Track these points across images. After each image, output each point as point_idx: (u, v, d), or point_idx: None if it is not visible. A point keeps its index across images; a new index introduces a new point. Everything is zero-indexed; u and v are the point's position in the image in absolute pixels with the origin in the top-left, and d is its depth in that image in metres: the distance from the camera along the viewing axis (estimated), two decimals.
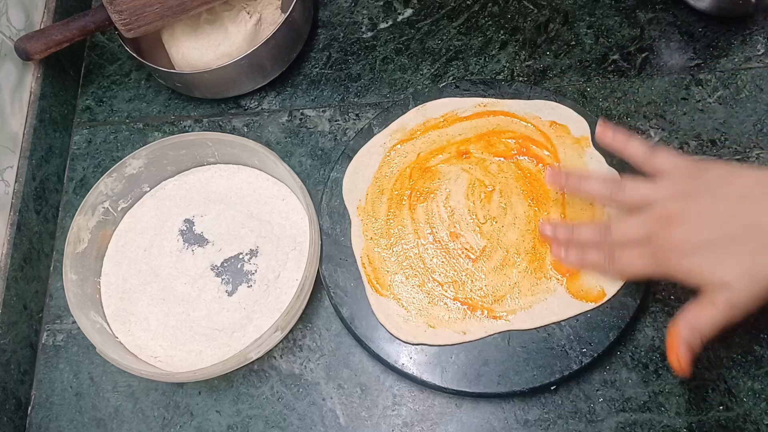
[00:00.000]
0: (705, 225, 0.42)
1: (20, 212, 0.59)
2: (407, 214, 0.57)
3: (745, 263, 0.41)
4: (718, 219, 0.42)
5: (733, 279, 0.41)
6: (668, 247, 0.43)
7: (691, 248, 0.42)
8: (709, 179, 0.43)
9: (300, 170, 0.62)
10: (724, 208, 0.42)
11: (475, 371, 0.51)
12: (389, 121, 0.60)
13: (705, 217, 0.42)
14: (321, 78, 0.66)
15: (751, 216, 0.41)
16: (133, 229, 0.61)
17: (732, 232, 0.41)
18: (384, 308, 0.53)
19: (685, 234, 0.43)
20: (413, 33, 0.67)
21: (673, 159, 0.46)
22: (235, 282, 0.57)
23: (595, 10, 0.65)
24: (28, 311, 0.59)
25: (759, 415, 0.49)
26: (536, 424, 0.51)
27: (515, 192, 0.56)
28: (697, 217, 0.42)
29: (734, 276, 0.41)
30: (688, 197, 0.43)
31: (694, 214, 0.43)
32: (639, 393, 0.51)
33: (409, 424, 0.52)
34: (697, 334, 0.42)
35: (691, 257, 0.42)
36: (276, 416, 0.54)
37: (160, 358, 0.55)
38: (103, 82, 0.70)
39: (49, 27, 0.61)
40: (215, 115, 0.66)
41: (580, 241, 0.50)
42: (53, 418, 0.57)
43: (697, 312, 0.42)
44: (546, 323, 0.51)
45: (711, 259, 0.42)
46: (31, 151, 0.62)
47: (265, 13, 0.65)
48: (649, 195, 0.45)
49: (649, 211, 0.45)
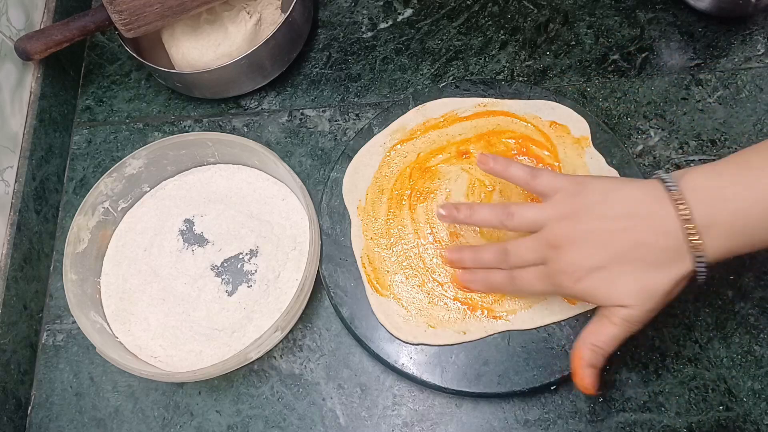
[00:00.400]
0: (591, 248, 0.42)
1: (20, 212, 0.59)
2: (407, 214, 0.57)
3: (636, 282, 0.41)
4: (602, 240, 0.42)
5: (627, 299, 0.42)
6: (561, 271, 0.44)
7: (582, 273, 0.43)
8: (590, 199, 0.43)
9: (300, 170, 0.62)
10: (606, 228, 0.42)
11: (475, 371, 0.51)
12: (389, 121, 0.60)
13: (590, 240, 0.42)
14: (321, 78, 0.66)
15: (631, 234, 0.41)
16: (133, 229, 0.61)
17: (617, 253, 0.42)
18: (384, 308, 0.53)
19: (573, 259, 0.43)
20: (413, 33, 0.67)
21: (554, 180, 0.46)
22: (235, 282, 0.57)
23: (595, 10, 0.65)
24: (28, 311, 0.59)
25: (759, 415, 0.49)
26: (536, 424, 0.51)
27: (515, 192, 0.56)
28: (583, 240, 0.43)
29: (627, 295, 0.42)
30: (572, 218, 0.43)
31: (579, 238, 0.43)
32: (639, 393, 0.51)
33: (409, 424, 0.52)
34: (599, 353, 0.44)
35: (583, 281, 0.43)
36: (276, 416, 0.54)
37: (160, 358, 0.55)
38: (103, 82, 0.70)
39: (49, 27, 0.61)
40: (215, 115, 0.66)
41: (484, 264, 0.50)
42: (53, 418, 0.57)
43: (597, 331, 0.43)
44: (546, 323, 0.51)
45: (602, 281, 0.42)
46: (31, 151, 0.62)
47: (265, 13, 0.65)
48: (537, 218, 0.45)
49: (540, 234, 0.45)
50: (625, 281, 0.42)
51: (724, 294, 0.53)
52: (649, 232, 0.41)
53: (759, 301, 0.52)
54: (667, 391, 0.51)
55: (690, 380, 0.51)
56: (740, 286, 0.53)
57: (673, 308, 0.53)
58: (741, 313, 0.52)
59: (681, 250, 0.40)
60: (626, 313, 0.42)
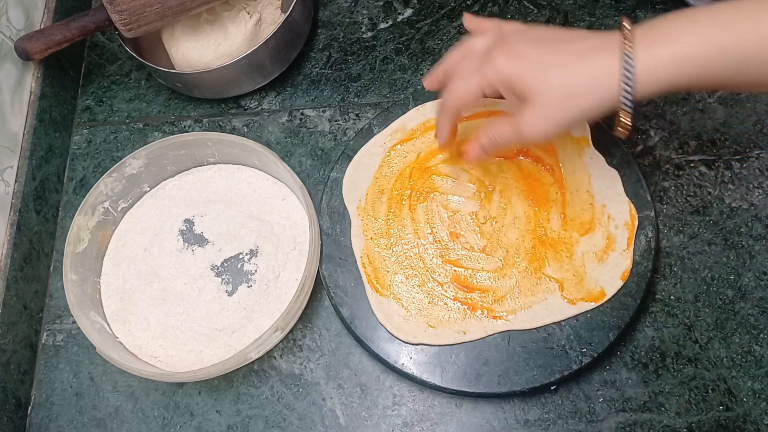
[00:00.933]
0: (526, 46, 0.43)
1: (20, 212, 0.59)
2: (407, 214, 0.57)
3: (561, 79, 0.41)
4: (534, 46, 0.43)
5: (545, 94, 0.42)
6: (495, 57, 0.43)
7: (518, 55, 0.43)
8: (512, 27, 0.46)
9: (300, 170, 0.62)
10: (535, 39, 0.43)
11: (475, 371, 0.51)
12: (389, 121, 0.60)
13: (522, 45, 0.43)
14: (321, 78, 0.66)
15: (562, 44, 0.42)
16: (133, 229, 0.61)
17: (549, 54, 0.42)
18: (384, 308, 0.53)
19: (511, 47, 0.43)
20: (413, 33, 0.67)
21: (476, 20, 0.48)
22: (235, 282, 0.57)
23: (595, 10, 0.65)
24: (28, 311, 0.59)
25: (759, 415, 0.49)
26: (536, 424, 0.51)
27: (515, 192, 0.56)
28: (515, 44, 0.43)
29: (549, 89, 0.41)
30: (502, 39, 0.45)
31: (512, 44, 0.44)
32: (639, 393, 0.51)
33: (409, 424, 0.52)
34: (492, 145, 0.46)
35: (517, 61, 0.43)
36: (276, 416, 0.54)
37: (160, 358, 0.55)
38: (103, 82, 0.70)
39: (49, 27, 0.61)
40: (215, 115, 0.66)
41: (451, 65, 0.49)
42: (53, 418, 0.57)
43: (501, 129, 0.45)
44: (546, 323, 0.51)
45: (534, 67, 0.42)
46: (31, 151, 0.62)
47: (265, 13, 0.65)
48: (467, 49, 0.47)
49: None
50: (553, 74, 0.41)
51: (724, 294, 0.53)
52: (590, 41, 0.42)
53: (759, 301, 0.52)
54: (667, 391, 0.51)
55: (690, 380, 0.51)
56: (740, 286, 0.53)
57: (673, 308, 0.53)
58: (741, 313, 0.52)
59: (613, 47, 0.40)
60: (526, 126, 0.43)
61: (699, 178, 0.57)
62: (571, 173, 0.56)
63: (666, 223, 0.56)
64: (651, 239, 0.53)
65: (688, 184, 0.57)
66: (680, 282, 0.54)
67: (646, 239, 0.53)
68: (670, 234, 0.55)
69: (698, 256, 0.54)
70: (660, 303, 0.53)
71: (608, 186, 0.55)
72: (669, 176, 0.57)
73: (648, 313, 0.53)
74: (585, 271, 0.52)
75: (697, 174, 0.57)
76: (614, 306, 0.51)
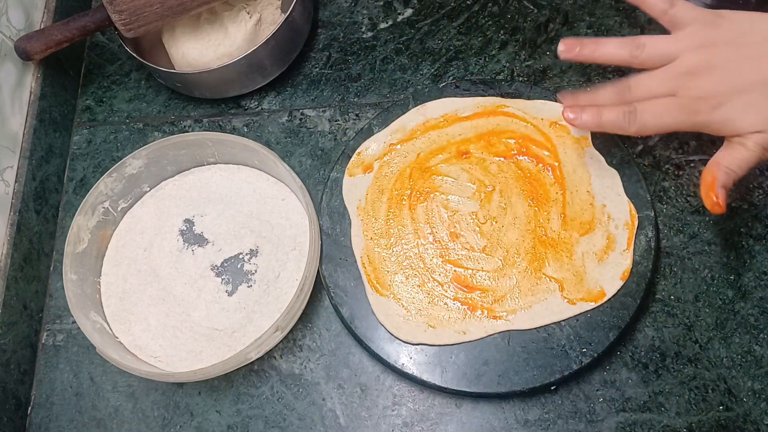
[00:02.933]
0: (732, 73, 0.41)
1: (20, 212, 0.59)
2: (407, 214, 0.57)
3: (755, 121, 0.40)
4: (744, 65, 0.41)
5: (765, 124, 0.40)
6: (696, 97, 0.42)
7: (722, 98, 0.41)
8: (731, 27, 0.42)
9: (300, 170, 0.62)
10: (749, 54, 0.41)
11: (475, 371, 0.51)
12: (389, 121, 0.60)
13: (731, 65, 0.41)
14: (321, 78, 0.66)
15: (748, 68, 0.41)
16: (133, 229, 0.61)
17: (760, 77, 0.40)
18: (384, 308, 0.53)
19: (713, 83, 0.41)
20: (413, 33, 0.67)
21: (692, 10, 0.44)
22: (235, 282, 0.57)
23: (595, 10, 0.65)
24: (28, 311, 0.59)
25: (759, 415, 0.49)
26: (536, 424, 0.51)
27: (515, 192, 0.56)
28: (724, 65, 0.41)
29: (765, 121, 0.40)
30: (711, 47, 0.42)
31: (720, 64, 0.42)
32: (639, 393, 0.51)
33: (409, 424, 0.52)
34: (732, 175, 0.44)
35: (722, 108, 0.41)
36: (276, 416, 0.54)
37: (160, 358, 0.55)
38: (103, 82, 0.70)
39: (49, 27, 0.61)
40: (215, 115, 0.66)
41: (600, 102, 0.48)
42: (53, 418, 0.57)
43: (731, 156, 0.43)
44: (546, 323, 0.51)
45: (741, 107, 0.41)
46: (31, 151, 0.62)
47: (265, 13, 0.65)
48: (671, 49, 0.44)
49: (673, 64, 0.44)
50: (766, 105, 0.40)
51: (724, 294, 0.53)
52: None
53: (759, 301, 0.52)
54: (667, 391, 0.51)
55: (690, 380, 0.51)
56: (740, 286, 0.53)
57: (673, 308, 0.53)
58: (741, 313, 0.52)
59: None
60: (762, 137, 0.41)
61: (699, 178, 0.57)
62: (571, 173, 0.56)
63: (666, 223, 0.56)
64: (651, 239, 0.53)
65: (688, 184, 0.57)
66: (680, 282, 0.54)
67: (646, 239, 0.53)
68: (670, 234, 0.55)
69: (698, 256, 0.54)
70: (660, 303, 0.53)
71: (608, 186, 0.55)
72: (669, 176, 0.57)
73: (648, 313, 0.53)
74: (585, 271, 0.52)
75: (697, 174, 0.57)
76: (614, 306, 0.51)
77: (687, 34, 0.43)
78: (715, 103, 0.42)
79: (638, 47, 0.44)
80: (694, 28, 0.43)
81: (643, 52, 0.44)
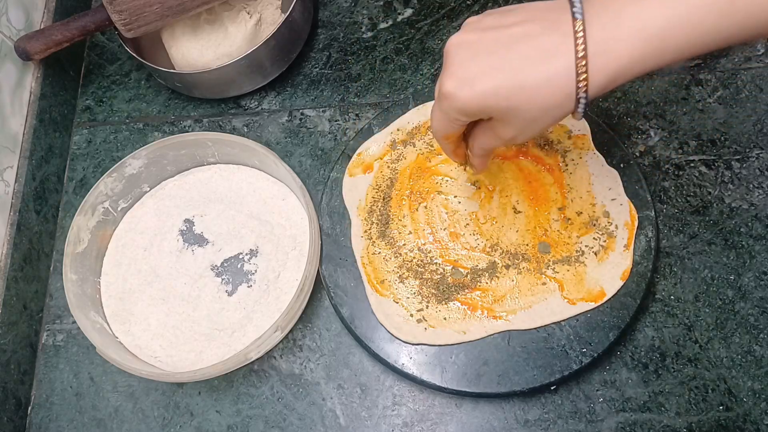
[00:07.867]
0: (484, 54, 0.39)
1: (20, 212, 0.59)
2: (407, 214, 0.57)
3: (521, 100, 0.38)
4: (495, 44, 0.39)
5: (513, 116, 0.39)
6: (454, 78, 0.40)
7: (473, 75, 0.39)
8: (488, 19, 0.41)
9: (300, 170, 0.62)
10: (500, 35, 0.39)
11: (475, 371, 0.51)
12: (389, 121, 0.60)
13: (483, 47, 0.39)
14: (321, 78, 0.66)
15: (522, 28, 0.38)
16: (133, 229, 0.61)
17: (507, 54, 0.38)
18: (384, 308, 0.53)
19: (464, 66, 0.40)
20: (413, 33, 0.67)
21: None
22: (235, 282, 0.57)
23: None
24: (28, 311, 0.59)
25: (759, 415, 0.49)
26: (536, 424, 0.51)
27: (515, 192, 0.56)
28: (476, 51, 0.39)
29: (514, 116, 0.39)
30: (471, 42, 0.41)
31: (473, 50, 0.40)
32: (639, 393, 0.51)
33: (409, 424, 0.52)
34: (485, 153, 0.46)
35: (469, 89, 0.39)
36: (276, 416, 0.54)
37: (160, 358, 0.55)
38: (103, 82, 0.70)
39: (49, 27, 0.61)
40: (215, 115, 0.66)
41: None
42: (53, 418, 0.57)
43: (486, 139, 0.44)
44: (546, 323, 0.51)
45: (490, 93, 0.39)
46: (31, 151, 0.62)
47: (265, 13, 0.65)
48: None
49: None
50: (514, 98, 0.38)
51: (724, 294, 0.53)
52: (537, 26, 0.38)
53: (759, 301, 0.52)
54: (667, 391, 0.51)
55: (690, 380, 0.51)
56: (740, 286, 0.53)
57: (673, 308, 0.53)
58: (741, 313, 0.52)
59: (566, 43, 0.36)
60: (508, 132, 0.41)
61: (699, 178, 0.57)
62: (571, 173, 0.56)
63: (666, 223, 0.56)
64: (651, 239, 0.53)
65: (688, 184, 0.57)
66: (680, 282, 0.54)
67: (646, 239, 0.53)
68: (670, 234, 0.55)
69: (698, 256, 0.54)
70: (660, 303, 0.53)
71: (608, 186, 0.55)
72: (669, 176, 0.57)
73: (648, 313, 0.53)
74: (585, 271, 0.52)
75: (697, 174, 0.57)
76: (614, 306, 0.51)
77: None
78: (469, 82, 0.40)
79: None
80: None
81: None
